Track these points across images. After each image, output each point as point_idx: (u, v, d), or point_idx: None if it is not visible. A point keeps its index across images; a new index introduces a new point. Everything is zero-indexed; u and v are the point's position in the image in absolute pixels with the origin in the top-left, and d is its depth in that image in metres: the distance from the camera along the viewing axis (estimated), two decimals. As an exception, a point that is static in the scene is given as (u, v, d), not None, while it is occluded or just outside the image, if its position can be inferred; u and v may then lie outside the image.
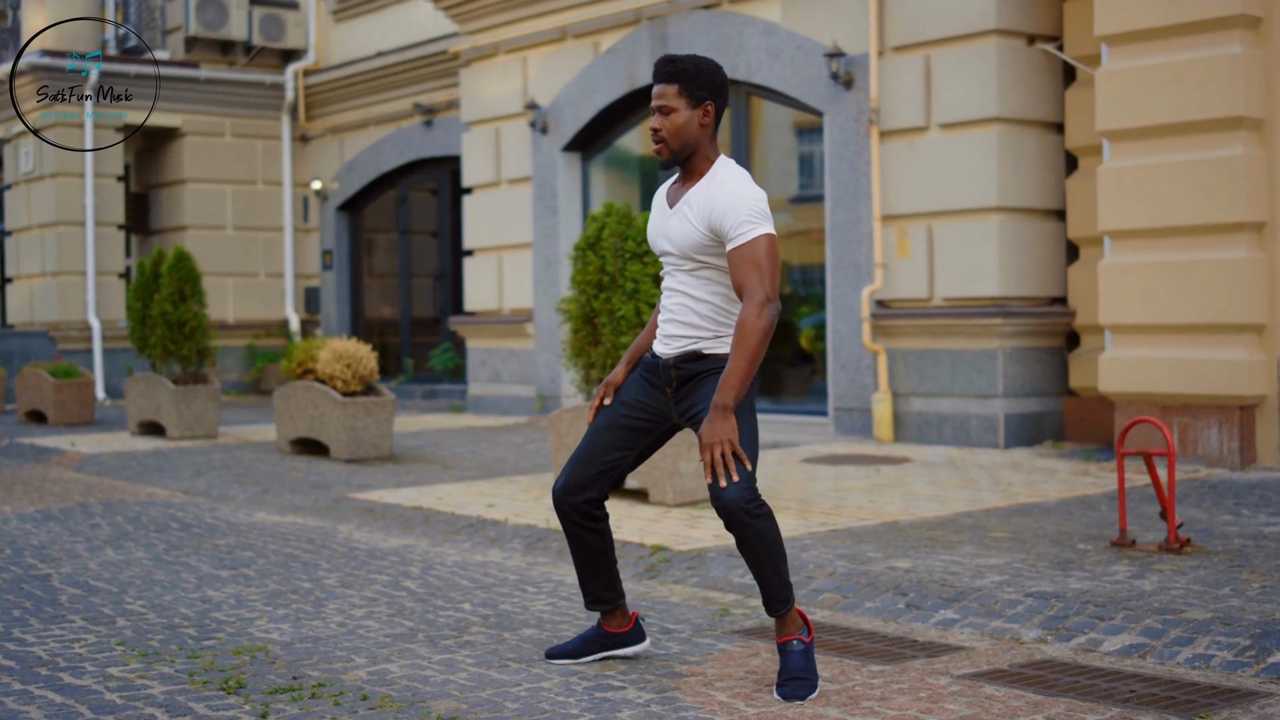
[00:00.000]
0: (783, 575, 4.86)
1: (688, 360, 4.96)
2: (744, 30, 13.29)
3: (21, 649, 5.56)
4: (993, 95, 11.51)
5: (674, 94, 4.86)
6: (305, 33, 20.95)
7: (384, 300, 20.95)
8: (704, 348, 4.94)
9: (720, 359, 4.93)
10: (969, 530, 7.79)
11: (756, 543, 4.76)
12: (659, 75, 4.90)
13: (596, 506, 5.13)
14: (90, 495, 10.51)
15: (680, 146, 4.90)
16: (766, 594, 4.88)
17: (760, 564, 4.82)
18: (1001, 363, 11.62)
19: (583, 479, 5.10)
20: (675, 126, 4.87)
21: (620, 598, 5.30)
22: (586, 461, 5.10)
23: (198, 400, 14.00)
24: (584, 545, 5.18)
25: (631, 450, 5.13)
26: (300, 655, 5.42)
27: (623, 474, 5.18)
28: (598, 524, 5.16)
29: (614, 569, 5.27)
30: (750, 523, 4.71)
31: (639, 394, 5.10)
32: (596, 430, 5.13)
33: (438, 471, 11.10)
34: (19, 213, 20.84)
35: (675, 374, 4.98)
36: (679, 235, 4.90)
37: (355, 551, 7.93)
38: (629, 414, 5.10)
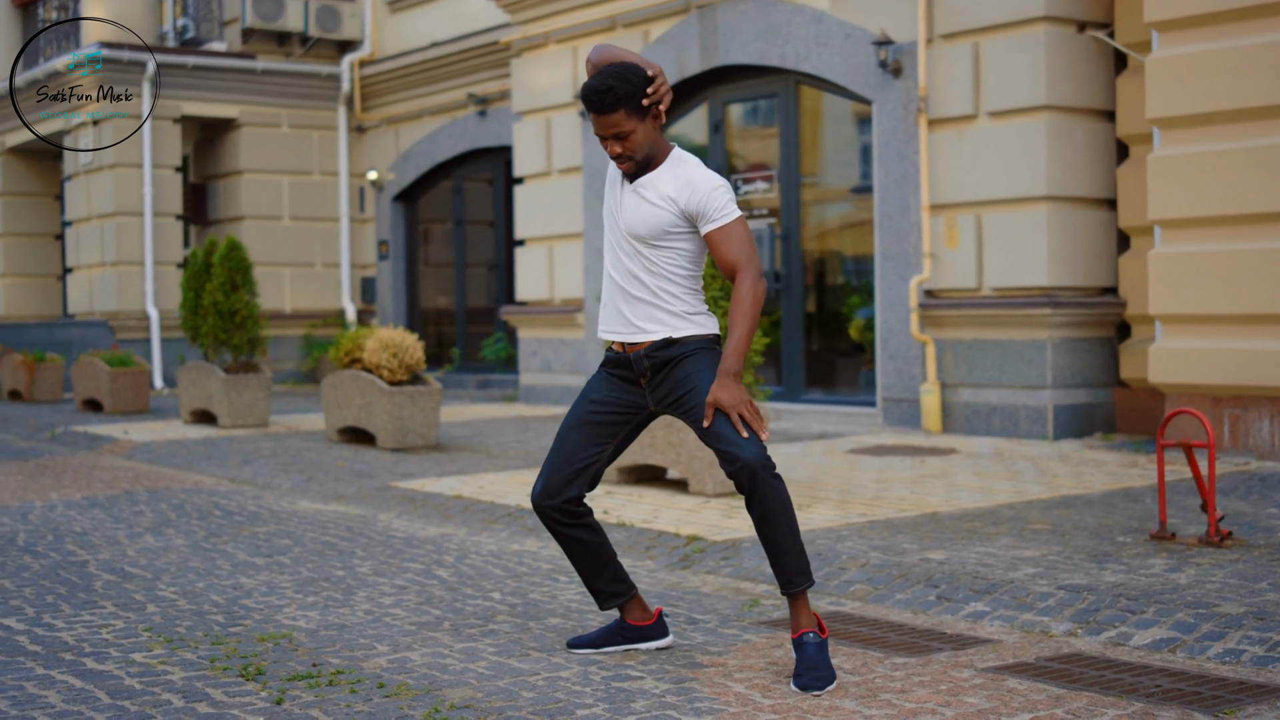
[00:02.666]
0: (800, 546, 4.86)
1: (659, 349, 4.96)
2: (792, 18, 13.22)
3: (49, 634, 5.60)
4: (1042, 83, 11.39)
5: (623, 118, 4.85)
6: (361, 24, 21.02)
7: (439, 290, 21.01)
8: (673, 333, 4.94)
9: (690, 341, 4.94)
10: (1009, 522, 7.71)
11: (777, 506, 4.77)
12: (600, 108, 4.83)
13: (577, 504, 5.13)
14: (138, 483, 10.59)
15: (645, 155, 4.94)
16: (785, 566, 4.84)
17: (779, 531, 4.80)
18: (1051, 353, 11.51)
19: (560, 481, 5.09)
20: (636, 144, 4.89)
21: (630, 589, 5.28)
22: (561, 462, 5.09)
23: (249, 389, 14.08)
24: (576, 544, 5.17)
25: (606, 445, 5.12)
26: (323, 642, 5.43)
27: (600, 470, 5.15)
28: (582, 520, 5.15)
29: (615, 561, 5.25)
30: (771, 482, 4.75)
31: (607, 390, 5.10)
32: (566, 431, 5.12)
33: (482, 461, 11.11)
34: (79, 204, 21.03)
35: (648, 363, 4.98)
36: (642, 216, 4.91)
37: (392, 540, 7.94)
38: (598, 410, 5.09)
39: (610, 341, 5.10)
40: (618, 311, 5.04)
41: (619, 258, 5.01)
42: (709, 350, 4.97)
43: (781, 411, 13.39)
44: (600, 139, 4.92)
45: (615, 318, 5.05)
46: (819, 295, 14.05)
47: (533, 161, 16.39)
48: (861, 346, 13.47)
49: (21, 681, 4.86)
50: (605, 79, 4.85)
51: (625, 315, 5.00)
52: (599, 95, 4.84)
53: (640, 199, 4.92)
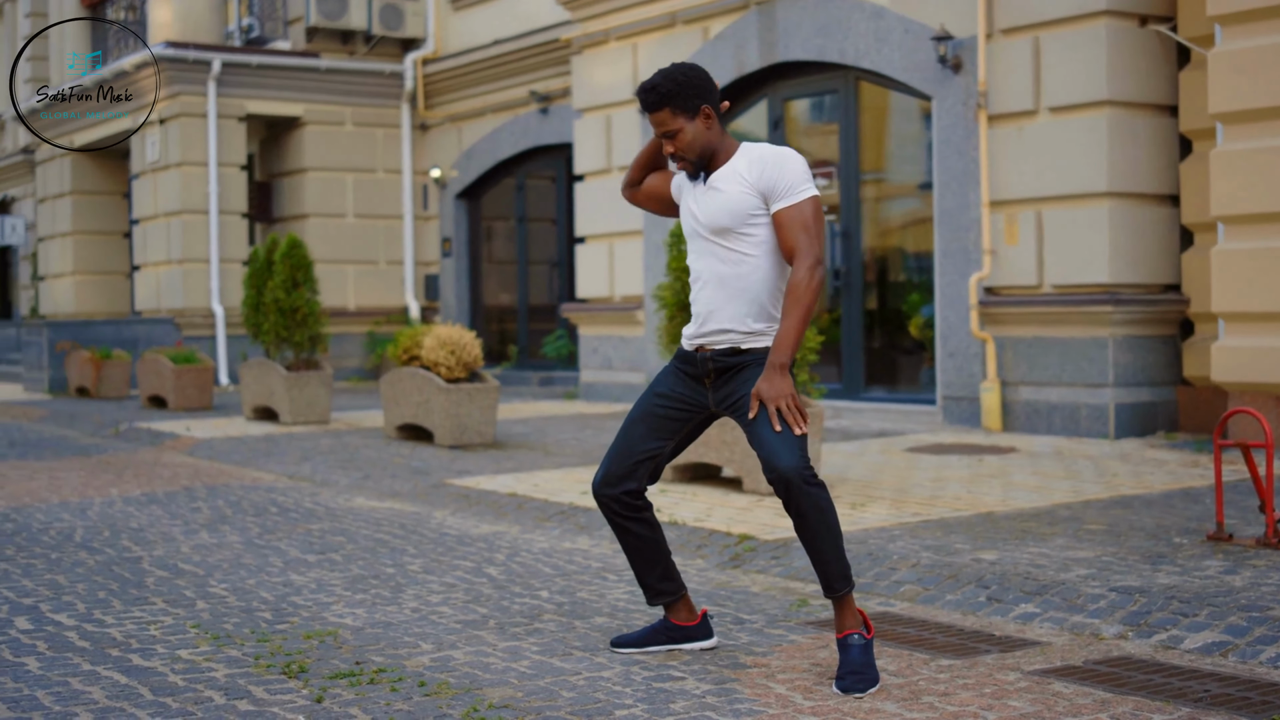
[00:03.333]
0: (841, 551, 4.82)
1: (726, 355, 4.96)
2: (851, 14, 13.15)
3: (99, 630, 5.64)
4: (1103, 78, 11.27)
5: (669, 117, 4.91)
6: (424, 22, 21.09)
7: (502, 287, 21.05)
8: (742, 343, 4.94)
9: (759, 353, 4.93)
10: (1064, 522, 7.63)
11: (814, 513, 4.73)
12: (646, 106, 4.94)
13: (637, 497, 5.12)
14: (197, 479, 10.67)
15: (699, 155, 4.96)
16: (826, 572, 4.81)
17: (819, 537, 4.77)
18: (1112, 351, 11.39)
19: (621, 470, 5.09)
20: (685, 143, 4.93)
21: (680, 588, 5.27)
22: (623, 453, 5.09)
23: (310, 386, 14.16)
24: (632, 536, 5.16)
25: (669, 440, 5.12)
26: (368, 640, 5.44)
27: (661, 464, 5.16)
28: (640, 514, 5.14)
29: (668, 559, 5.23)
30: (808, 490, 4.70)
31: (674, 384, 5.09)
32: (632, 421, 5.13)
33: (539, 458, 11.12)
34: (146, 201, 21.22)
35: (713, 366, 4.98)
36: (720, 205, 4.90)
37: (445, 537, 7.96)
38: (665, 404, 5.09)
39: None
40: (695, 315, 5.04)
41: (699, 260, 5.00)
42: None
43: (841, 409, 13.33)
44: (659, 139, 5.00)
45: (693, 323, 5.05)
46: (880, 292, 13.98)
47: (593, 159, 16.39)
48: (922, 344, 13.38)
49: (67, 677, 4.90)
50: (654, 77, 4.92)
51: (700, 316, 5.00)
52: (644, 94, 4.93)
53: (718, 191, 4.92)
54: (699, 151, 4.93)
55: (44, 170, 25.23)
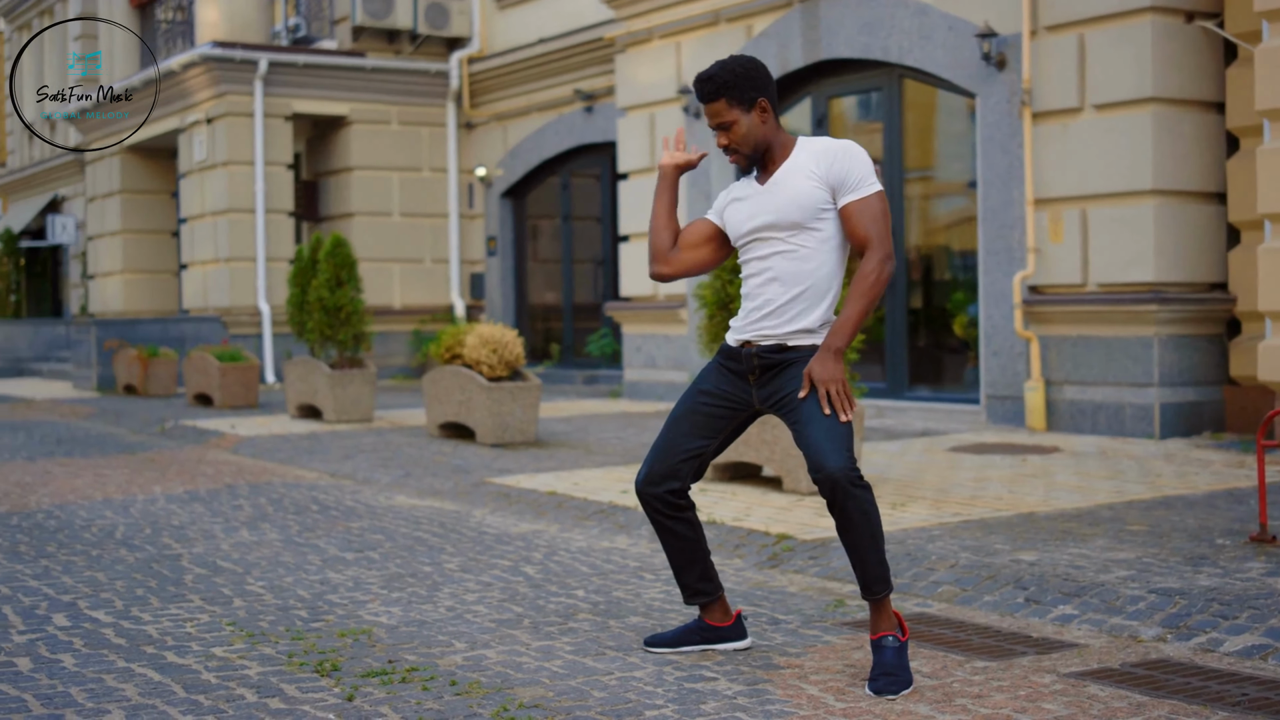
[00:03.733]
0: (882, 554, 4.79)
1: (772, 352, 4.92)
2: (895, 12, 13.09)
3: (135, 627, 5.67)
4: (1149, 75, 11.18)
5: (724, 108, 4.87)
6: (469, 21, 21.14)
7: (547, 286, 21.07)
8: (789, 340, 4.89)
9: (805, 351, 4.88)
10: (1106, 523, 7.57)
11: (859, 516, 4.69)
12: (703, 95, 4.90)
13: (680, 496, 5.09)
14: (240, 477, 10.72)
15: (753, 149, 4.91)
16: (865, 574, 4.78)
17: (861, 541, 4.73)
18: (1158, 350, 11.29)
19: (665, 469, 5.06)
20: (740, 136, 4.89)
21: (718, 590, 5.24)
22: (667, 451, 5.06)
23: (353, 384, 14.21)
24: (673, 535, 5.14)
25: (713, 438, 5.08)
26: (402, 639, 5.45)
27: (705, 462, 5.12)
28: (683, 513, 5.12)
29: (707, 559, 5.21)
30: (855, 492, 4.66)
31: (719, 382, 5.05)
32: (675, 419, 5.09)
33: (580, 457, 11.12)
34: (194, 200, 21.35)
35: (758, 362, 4.94)
36: (790, 200, 4.84)
37: (483, 536, 7.96)
38: (709, 402, 5.05)
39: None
40: (747, 309, 4.99)
41: (762, 258, 4.93)
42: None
43: (885, 408, 13.27)
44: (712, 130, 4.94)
45: (740, 319, 5.02)
46: (925, 291, 13.91)
47: (637, 157, 16.38)
48: (967, 343, 13.31)
49: (102, 674, 4.93)
50: (712, 68, 4.89)
51: (754, 310, 4.96)
52: (701, 83, 4.89)
53: (785, 186, 4.86)
54: (753, 145, 4.89)
55: (93, 170, 25.42)
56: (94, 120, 24.11)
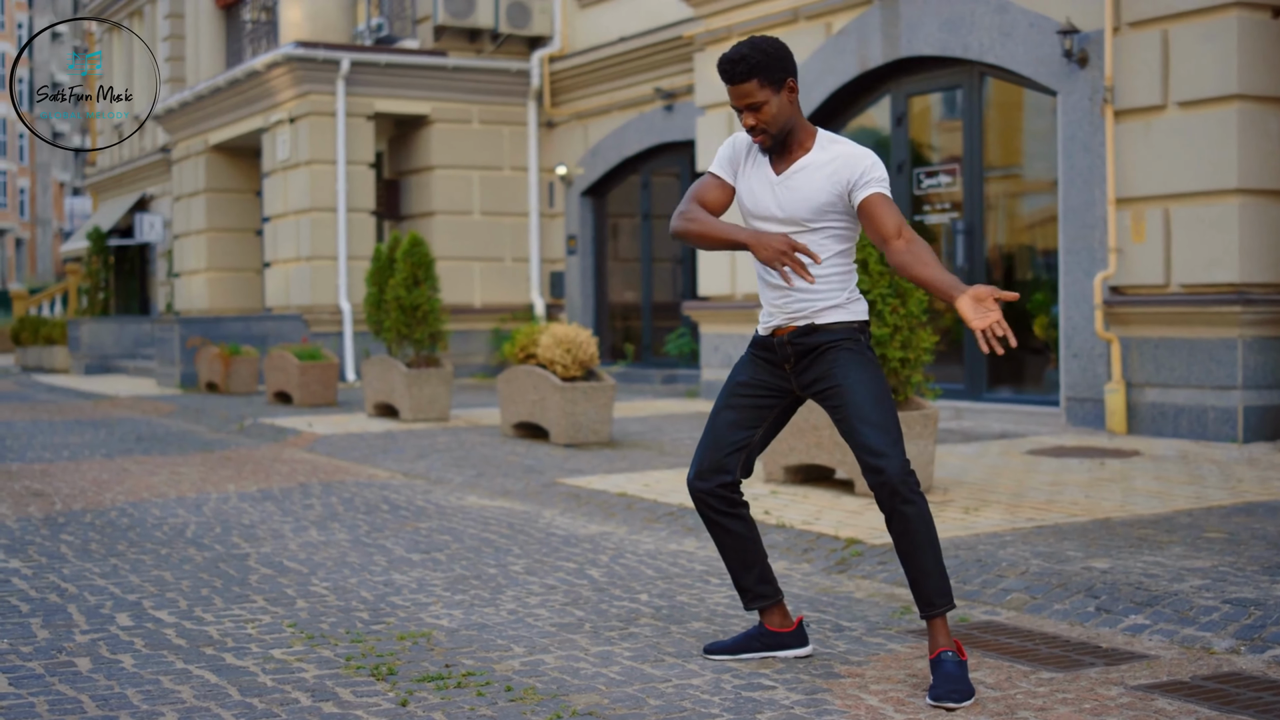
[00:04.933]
0: (941, 565, 4.71)
1: (803, 335, 4.88)
2: (975, 9, 12.93)
3: (197, 628, 5.68)
4: (1234, 71, 10.96)
5: (756, 89, 4.82)
6: (551, 19, 21.15)
7: (626, 285, 21.04)
8: (818, 319, 4.85)
9: (836, 329, 4.85)
10: (1183, 529, 7.41)
11: (918, 523, 4.66)
12: (734, 76, 4.83)
13: (732, 490, 5.05)
14: (314, 476, 10.75)
15: (779, 129, 4.87)
16: (925, 587, 4.70)
17: (921, 550, 4.67)
18: (1242, 352, 11.08)
19: (712, 463, 5.03)
20: (770, 116, 4.84)
21: (777, 593, 5.18)
22: (712, 445, 5.04)
23: (430, 383, 14.23)
24: (727, 534, 5.08)
25: (756, 428, 5.04)
26: (461, 643, 5.41)
27: (752, 454, 5.08)
28: (736, 509, 5.08)
29: (764, 561, 5.15)
30: (912, 498, 4.62)
31: (754, 372, 5.03)
32: (717, 411, 5.08)
33: (653, 458, 11.06)
34: (277, 199, 21.50)
35: (792, 350, 4.91)
36: (802, 199, 4.84)
37: (551, 538, 7.93)
38: (746, 392, 5.03)
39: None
40: (767, 301, 4.97)
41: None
42: (854, 340, 4.87)
43: (963, 410, 13.12)
44: (736, 112, 4.89)
45: (765, 307, 4.99)
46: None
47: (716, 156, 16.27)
48: (1047, 344, 13.12)
49: (159, 675, 4.93)
50: (740, 48, 4.84)
51: (774, 301, 4.93)
52: (731, 64, 4.82)
53: (799, 184, 4.86)
54: (781, 125, 4.85)
55: (180, 169, 25.68)
56: (179, 120, 24.34)
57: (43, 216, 75.68)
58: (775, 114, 4.83)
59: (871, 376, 4.80)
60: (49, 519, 8.75)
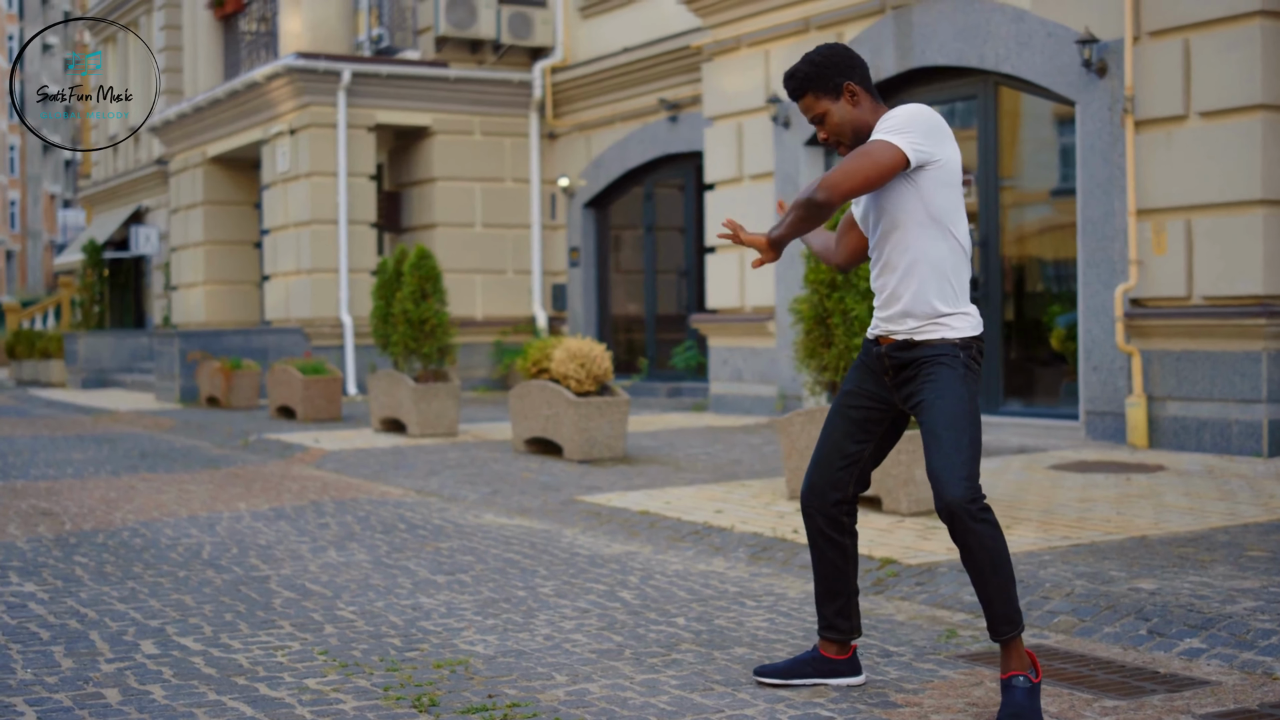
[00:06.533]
0: (1009, 593, 4.49)
1: (901, 349, 4.69)
2: (991, 18, 12.79)
3: (225, 655, 5.50)
4: (1257, 81, 10.82)
5: (814, 102, 4.74)
6: (553, 30, 21.00)
7: (630, 297, 20.89)
8: (916, 335, 4.66)
9: (936, 346, 4.62)
10: (1223, 548, 7.25)
11: (981, 552, 4.43)
12: (791, 95, 4.80)
13: (846, 513, 4.88)
14: (325, 493, 10.58)
15: (853, 136, 4.74)
16: (990, 613, 4.51)
17: (983, 576, 4.47)
18: (1266, 365, 10.93)
19: (825, 479, 4.86)
20: (836, 125, 4.73)
21: (853, 631, 4.98)
22: (824, 461, 4.87)
23: (438, 398, 14.06)
24: (823, 559, 4.92)
25: (867, 442, 4.85)
26: (500, 671, 5.24)
27: (865, 470, 4.89)
28: (844, 534, 4.90)
29: (853, 597, 4.96)
30: (974, 526, 4.40)
31: (861, 380, 4.85)
32: (828, 425, 4.91)
33: (670, 473, 10.90)
34: (276, 212, 21.34)
35: (889, 362, 4.73)
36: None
37: (576, 558, 7.76)
38: (854, 403, 4.85)
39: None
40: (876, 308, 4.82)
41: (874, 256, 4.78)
42: (953, 357, 4.61)
43: (979, 424, 12.94)
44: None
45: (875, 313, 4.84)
46: (1018, 302, 13.59)
47: (724, 167, 16.15)
48: (1063, 356, 12.97)
49: (193, 708, 4.75)
50: (796, 65, 4.75)
51: (880, 309, 4.77)
52: (786, 82, 4.80)
53: None
54: (852, 131, 4.70)
55: (177, 181, 25.50)
56: (176, 132, 24.17)
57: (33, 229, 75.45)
58: (840, 121, 4.70)
59: (956, 396, 4.53)
60: (60, 540, 8.57)
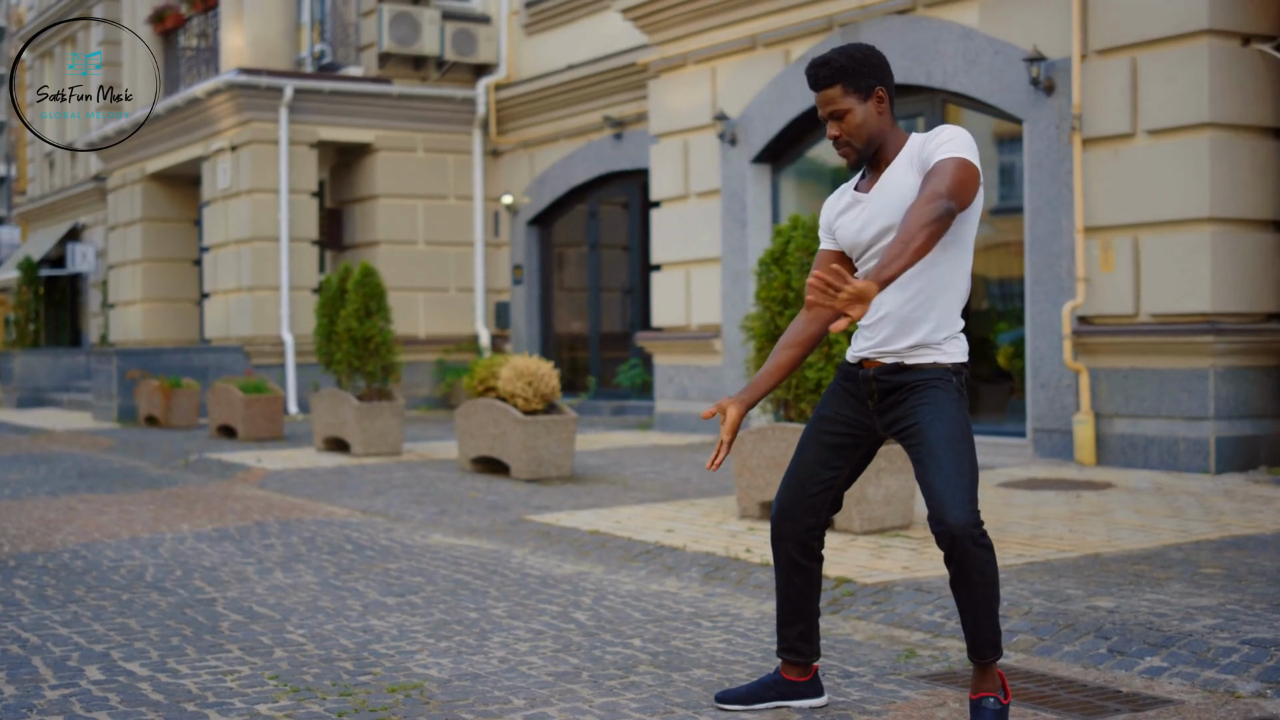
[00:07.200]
0: (996, 617, 4.43)
1: (890, 373, 4.55)
2: (940, 35, 12.80)
3: (173, 681, 5.36)
4: (1205, 99, 10.87)
5: (840, 95, 4.51)
6: (497, 47, 20.91)
7: (574, 315, 20.80)
8: (908, 358, 4.53)
9: (927, 370, 4.50)
10: (1178, 565, 7.24)
11: (977, 576, 4.33)
12: (817, 82, 4.54)
13: (815, 538, 4.76)
14: (269, 513, 10.42)
15: (865, 143, 4.54)
16: (976, 637, 4.42)
17: (975, 602, 4.38)
18: (1213, 383, 10.96)
19: (798, 504, 4.73)
20: (854, 126, 4.51)
21: (813, 654, 4.90)
22: (798, 486, 4.73)
23: (382, 417, 13.92)
24: (789, 584, 4.82)
25: (842, 468, 4.73)
26: (457, 694, 5.13)
27: (837, 496, 4.78)
28: (811, 561, 4.79)
29: (815, 620, 4.87)
30: (974, 552, 4.29)
31: (839, 407, 4.70)
32: (802, 449, 4.76)
33: (618, 492, 10.81)
34: (217, 229, 21.12)
35: (876, 386, 4.58)
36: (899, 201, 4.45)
37: (527, 578, 7.65)
38: (831, 429, 4.71)
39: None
40: (861, 327, 4.65)
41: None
42: (946, 382, 4.51)
43: (926, 442, 12.93)
44: (823, 122, 4.59)
45: (858, 333, 4.67)
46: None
47: (670, 185, 16.10)
48: (1009, 374, 12.98)
49: (140, 736, 4.62)
50: (829, 53, 4.54)
51: (868, 329, 4.61)
52: (815, 69, 4.53)
53: (893, 188, 4.50)
54: (867, 138, 4.52)
55: (115, 198, 25.23)
56: (115, 148, 23.92)
57: (-34, 246, 74.48)
58: (860, 124, 4.51)
59: (954, 419, 4.43)
60: (-2, 562, 8.39)
